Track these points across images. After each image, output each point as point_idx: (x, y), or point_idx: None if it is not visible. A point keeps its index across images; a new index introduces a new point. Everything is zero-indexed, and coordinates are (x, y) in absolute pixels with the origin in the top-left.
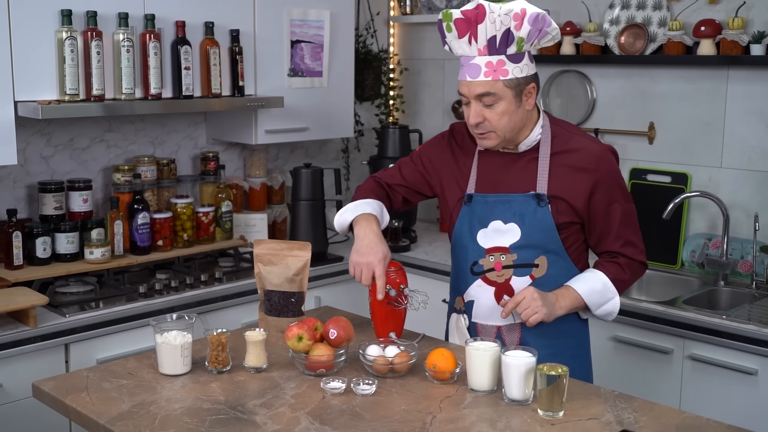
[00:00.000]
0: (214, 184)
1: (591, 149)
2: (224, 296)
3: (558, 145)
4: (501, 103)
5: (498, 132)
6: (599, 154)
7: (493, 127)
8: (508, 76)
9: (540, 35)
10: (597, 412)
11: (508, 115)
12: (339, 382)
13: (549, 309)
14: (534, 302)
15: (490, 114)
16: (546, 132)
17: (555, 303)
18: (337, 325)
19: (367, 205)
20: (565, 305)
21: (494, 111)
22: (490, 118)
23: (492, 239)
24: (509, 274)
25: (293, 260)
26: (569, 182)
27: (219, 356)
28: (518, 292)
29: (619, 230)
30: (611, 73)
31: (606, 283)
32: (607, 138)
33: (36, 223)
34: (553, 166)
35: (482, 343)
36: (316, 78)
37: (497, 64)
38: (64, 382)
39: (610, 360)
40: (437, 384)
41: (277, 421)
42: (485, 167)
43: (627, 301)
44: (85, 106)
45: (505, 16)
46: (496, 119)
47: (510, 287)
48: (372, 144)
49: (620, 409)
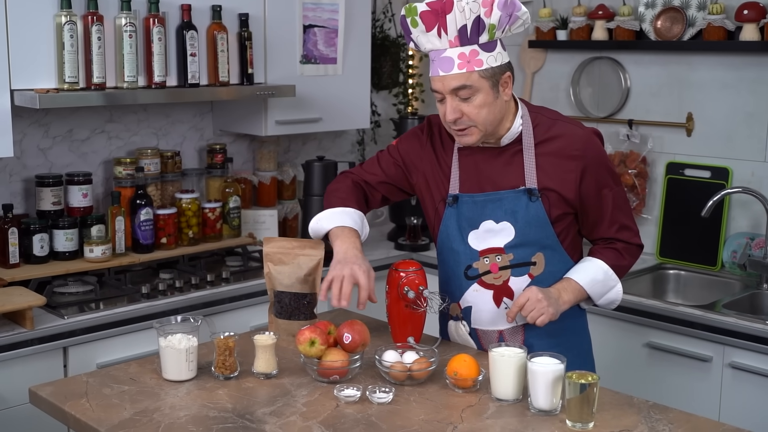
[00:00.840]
0: (222, 178)
1: (575, 134)
2: (232, 298)
3: (540, 134)
4: (478, 96)
5: (479, 126)
6: (584, 138)
7: (473, 121)
8: (482, 66)
9: (510, 21)
10: (630, 424)
11: (486, 107)
12: (354, 390)
13: (554, 307)
14: (539, 303)
15: (468, 108)
16: (527, 122)
17: (558, 298)
18: (351, 329)
19: (346, 215)
20: (569, 299)
21: (472, 104)
22: (468, 112)
23: (485, 240)
24: (507, 275)
25: (305, 259)
26: (557, 172)
27: (226, 361)
28: (520, 294)
29: (613, 215)
30: (646, 60)
31: (607, 271)
32: (642, 130)
33: (33, 219)
34: (539, 156)
35: (507, 348)
36: (330, 65)
37: (470, 54)
38: (63, 387)
39: (644, 368)
40: (459, 392)
41: (288, 431)
42: (467, 164)
43: (662, 305)
44: (85, 95)
45: (473, 3)
46: (474, 113)
47: (509, 288)
48: (389, 136)
49: (655, 420)
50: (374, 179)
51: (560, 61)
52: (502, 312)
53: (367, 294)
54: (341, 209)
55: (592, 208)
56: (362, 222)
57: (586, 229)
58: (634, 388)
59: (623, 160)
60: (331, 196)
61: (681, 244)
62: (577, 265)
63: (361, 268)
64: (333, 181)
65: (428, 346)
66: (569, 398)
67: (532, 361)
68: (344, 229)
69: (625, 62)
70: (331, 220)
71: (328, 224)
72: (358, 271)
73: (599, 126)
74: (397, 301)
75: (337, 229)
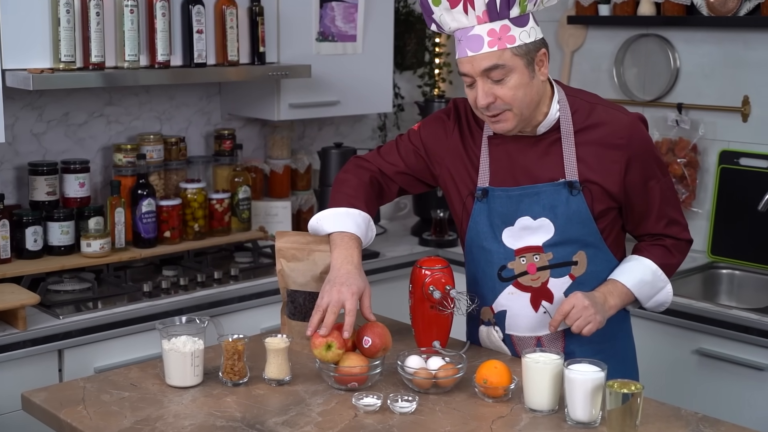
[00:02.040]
0: (230, 167)
1: (619, 121)
2: (241, 297)
3: (580, 121)
4: (512, 76)
5: (515, 110)
6: (629, 125)
7: (508, 104)
8: (515, 42)
9: None
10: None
11: (522, 89)
12: (374, 398)
13: (602, 314)
14: (586, 311)
15: (502, 90)
16: (564, 107)
17: (605, 303)
18: (372, 332)
19: (349, 218)
20: (615, 304)
21: (506, 86)
22: (502, 95)
23: (521, 238)
24: (545, 276)
25: (321, 256)
26: (600, 163)
27: (235, 366)
28: (563, 301)
29: (660, 209)
30: (698, 37)
31: (655, 271)
32: (693, 115)
33: (26, 210)
34: (579, 145)
35: (542, 354)
36: (349, 43)
37: (501, 30)
38: (58, 393)
39: (692, 376)
40: (488, 402)
41: None
42: (498, 155)
43: (714, 308)
44: (83, 76)
45: None
46: (510, 95)
47: (548, 291)
48: (413, 120)
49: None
50: (391, 169)
51: (602, 38)
52: (540, 317)
53: (351, 320)
54: (345, 210)
55: (638, 202)
56: (367, 226)
57: (632, 225)
58: (681, 399)
59: (671, 148)
60: (339, 189)
61: (735, 241)
62: (622, 264)
63: (350, 290)
64: (344, 166)
65: (455, 351)
66: (610, 409)
67: (569, 369)
68: (344, 236)
69: (675, 40)
70: (332, 222)
71: (328, 226)
72: (346, 293)
73: (645, 111)
74: (422, 301)
75: (336, 236)
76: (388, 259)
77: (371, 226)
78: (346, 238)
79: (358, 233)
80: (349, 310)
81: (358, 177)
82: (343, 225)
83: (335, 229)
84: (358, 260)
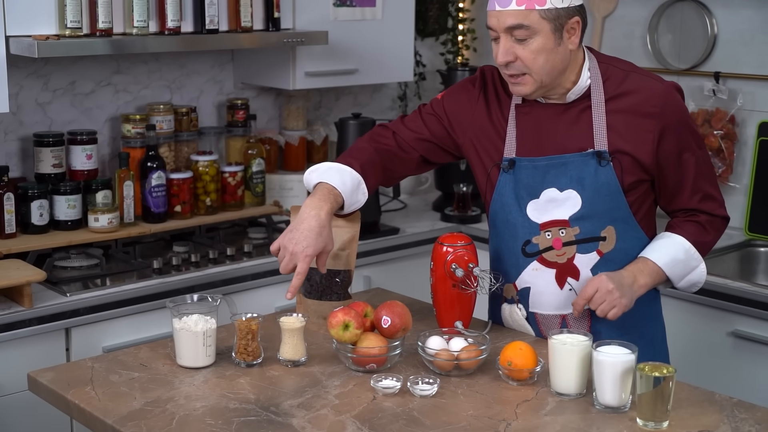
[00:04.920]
0: (243, 138)
1: (652, 88)
2: (255, 274)
3: (612, 89)
4: (536, 39)
5: (533, 75)
6: (663, 92)
7: (527, 67)
8: (545, 5)
9: None
10: (710, 423)
11: (544, 54)
12: (393, 381)
13: (628, 296)
14: (610, 295)
15: (523, 52)
16: (595, 74)
17: (633, 284)
18: (391, 312)
19: (338, 174)
20: (645, 283)
21: (528, 48)
22: (522, 56)
23: (547, 212)
24: (572, 251)
25: (338, 232)
26: (632, 132)
27: (248, 346)
28: (586, 283)
29: (695, 183)
30: (737, 2)
31: (689, 249)
32: (731, 84)
33: (31, 183)
34: (610, 114)
35: (569, 336)
36: (368, 8)
37: None
38: (65, 373)
39: (728, 360)
40: (513, 385)
41: (318, 426)
42: (526, 123)
43: (751, 288)
44: (90, 43)
45: None
46: (530, 58)
47: (574, 267)
48: (436, 90)
49: (739, 420)
50: (412, 136)
51: (635, 3)
52: (565, 294)
53: (298, 283)
54: (339, 166)
55: (671, 175)
56: (354, 186)
57: (664, 200)
58: (716, 383)
59: (708, 119)
60: (347, 150)
61: None
62: (654, 241)
63: (305, 251)
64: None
65: (478, 332)
66: (641, 393)
67: (598, 351)
68: (323, 187)
69: (712, 5)
70: (323, 173)
71: (316, 177)
72: (298, 252)
73: (680, 79)
74: (444, 279)
75: (318, 186)
76: (409, 235)
77: (362, 188)
78: (325, 190)
79: (341, 189)
80: (298, 272)
81: (367, 143)
82: (327, 177)
83: (319, 179)
84: (326, 215)
